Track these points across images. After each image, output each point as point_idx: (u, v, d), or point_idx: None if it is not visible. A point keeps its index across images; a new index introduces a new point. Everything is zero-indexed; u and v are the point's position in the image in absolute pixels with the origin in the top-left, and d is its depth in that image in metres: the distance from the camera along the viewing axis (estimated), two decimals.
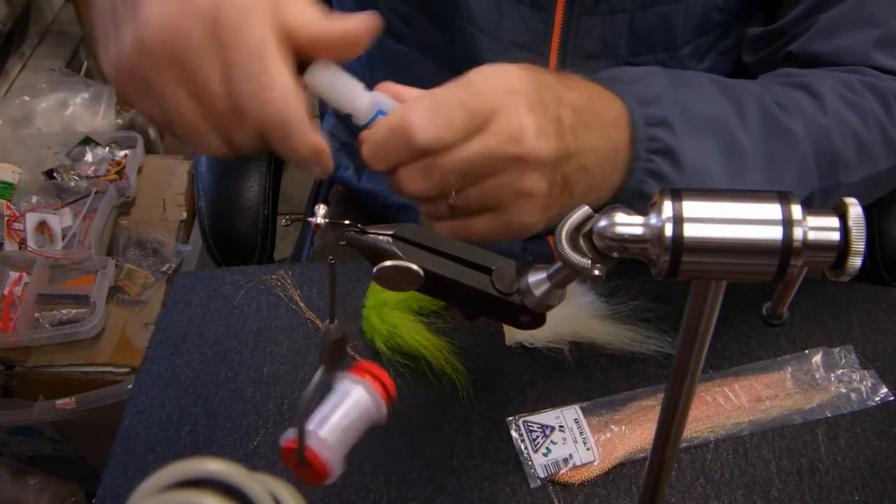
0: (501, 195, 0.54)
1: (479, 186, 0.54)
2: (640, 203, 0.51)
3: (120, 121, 1.63)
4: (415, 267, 0.51)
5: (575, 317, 0.75)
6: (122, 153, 1.55)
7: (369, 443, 0.51)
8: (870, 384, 0.73)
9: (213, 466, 0.40)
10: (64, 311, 1.37)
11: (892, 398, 0.72)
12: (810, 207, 0.41)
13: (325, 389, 0.50)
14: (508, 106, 0.53)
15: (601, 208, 0.47)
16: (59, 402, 1.33)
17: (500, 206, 0.55)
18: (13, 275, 1.38)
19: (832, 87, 0.70)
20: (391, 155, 0.53)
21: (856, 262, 0.41)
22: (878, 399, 0.72)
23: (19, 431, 1.40)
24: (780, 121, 0.66)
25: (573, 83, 0.58)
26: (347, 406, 0.50)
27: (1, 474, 1.37)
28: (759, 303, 0.78)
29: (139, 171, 1.57)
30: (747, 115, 0.65)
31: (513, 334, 0.76)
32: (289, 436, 0.49)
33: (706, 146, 0.62)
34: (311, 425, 0.49)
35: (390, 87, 0.56)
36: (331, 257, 0.45)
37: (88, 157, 1.51)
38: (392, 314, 0.74)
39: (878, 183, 0.73)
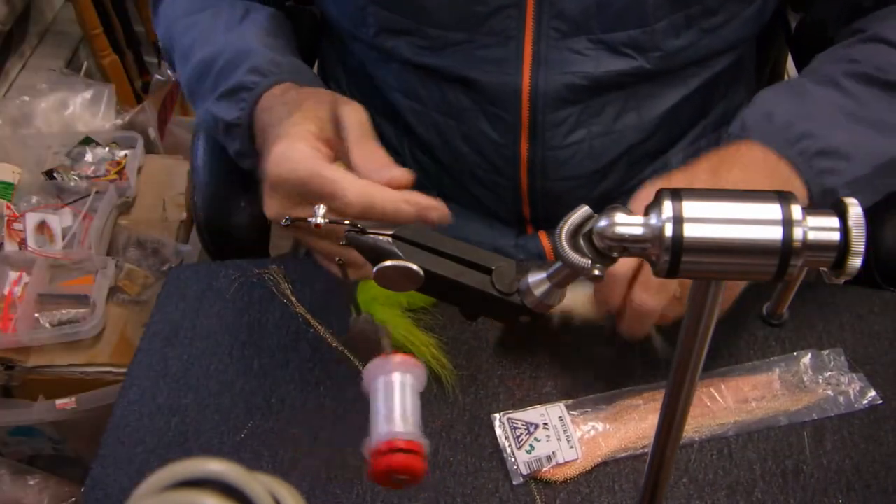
0: None
1: None
2: (831, 198, 0.66)
3: (120, 121, 1.63)
4: (415, 267, 0.51)
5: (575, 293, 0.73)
6: (122, 153, 1.55)
7: (354, 435, 0.52)
8: (858, 387, 0.73)
9: (214, 466, 0.40)
10: (64, 311, 1.36)
11: (879, 401, 0.72)
12: None
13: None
14: None
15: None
16: (59, 402, 1.33)
17: None
18: (13, 275, 1.38)
19: None
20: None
21: (856, 262, 0.41)
22: (865, 402, 0.72)
23: (19, 431, 1.40)
24: (879, 78, 0.74)
25: (727, 167, 0.67)
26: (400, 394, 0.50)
27: (1, 474, 1.37)
28: (755, 303, 0.78)
29: (139, 171, 1.56)
30: (857, 96, 0.73)
31: None
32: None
33: (840, 132, 0.71)
34: (379, 429, 0.49)
35: None
36: (339, 259, 0.46)
37: (88, 157, 1.52)
38: (382, 310, 0.74)
39: None
